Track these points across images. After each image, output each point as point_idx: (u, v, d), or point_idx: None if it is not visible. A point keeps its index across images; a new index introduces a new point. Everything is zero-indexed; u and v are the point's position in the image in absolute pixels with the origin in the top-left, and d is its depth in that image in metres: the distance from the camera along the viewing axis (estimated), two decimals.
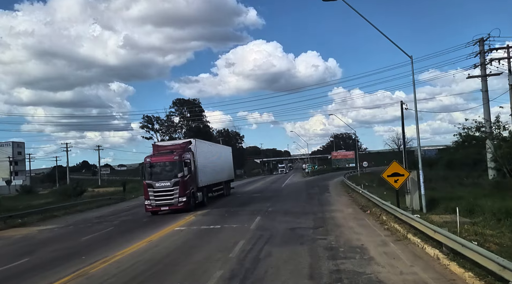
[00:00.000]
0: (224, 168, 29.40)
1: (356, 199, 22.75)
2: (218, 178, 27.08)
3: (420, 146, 16.58)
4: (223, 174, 28.84)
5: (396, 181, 16.43)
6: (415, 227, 11.09)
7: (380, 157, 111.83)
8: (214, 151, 27.34)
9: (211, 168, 25.05)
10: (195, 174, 21.71)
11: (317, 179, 54.96)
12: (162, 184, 19.91)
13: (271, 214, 18.12)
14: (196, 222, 16.73)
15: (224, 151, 31.51)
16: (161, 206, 19.84)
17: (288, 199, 25.68)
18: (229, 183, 31.76)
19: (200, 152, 22.79)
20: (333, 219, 15.67)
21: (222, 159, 29.29)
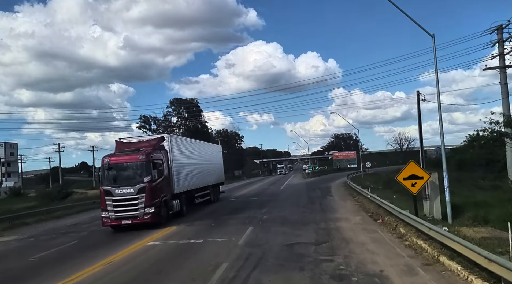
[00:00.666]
0: (211, 170, 25.44)
1: (363, 204, 20.11)
2: (204, 182, 23.20)
3: (444, 143, 13.92)
4: (210, 177, 24.82)
5: (413, 185, 13.83)
6: (450, 247, 8.48)
7: (381, 158, 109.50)
8: (198, 150, 23.13)
9: (193, 170, 21.05)
10: (170, 177, 17.65)
11: (318, 181, 52.29)
12: (124, 191, 15.54)
13: (266, 223, 15.48)
14: (175, 234, 14.06)
15: (212, 150, 27.39)
16: (122, 219, 15.48)
17: (286, 204, 23.01)
18: (218, 187, 27.67)
19: (177, 151, 18.74)
20: (339, 231, 13.04)
21: (209, 159, 25.32)
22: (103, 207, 15.80)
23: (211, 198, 24.61)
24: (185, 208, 19.16)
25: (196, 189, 21.59)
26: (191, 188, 20.39)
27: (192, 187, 20.62)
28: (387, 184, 34.34)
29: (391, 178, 40.27)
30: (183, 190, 19.10)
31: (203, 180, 23.00)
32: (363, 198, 21.84)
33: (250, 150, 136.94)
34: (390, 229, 12.86)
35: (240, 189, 40.74)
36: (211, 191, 24.77)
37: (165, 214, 16.72)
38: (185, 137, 24.75)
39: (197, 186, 21.73)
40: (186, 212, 19.21)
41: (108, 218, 15.51)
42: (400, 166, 79.49)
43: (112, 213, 15.48)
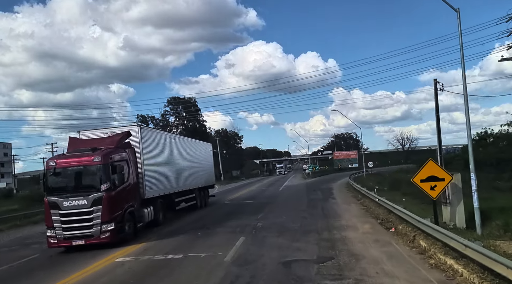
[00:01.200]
0: (199, 171, 22.14)
1: (370, 208, 18.05)
2: (188, 185, 19.98)
3: (470, 137, 11.83)
4: (197, 179, 21.58)
5: (433, 188, 11.77)
6: (495, 271, 6.44)
7: (382, 157, 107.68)
8: (181, 148, 19.80)
9: (173, 170, 17.95)
10: (139, 181, 14.35)
11: (319, 181, 50.22)
12: (74, 203, 12.00)
13: (260, 232, 13.40)
14: (151, 247, 11.89)
15: (200, 148, 23.92)
16: (73, 238, 12.03)
17: (285, 208, 20.93)
18: (207, 191, 24.50)
19: (150, 147, 15.52)
20: (345, 243, 10.97)
21: (196, 158, 22.13)
22: (48, 223, 12.33)
23: (197, 203, 21.40)
24: (161, 216, 16.28)
25: (178, 193, 18.46)
26: (170, 192, 17.36)
27: (172, 191, 17.59)
28: (392, 185, 32.34)
29: (396, 178, 38.23)
30: (159, 194, 15.98)
31: (187, 182, 19.85)
32: (370, 201, 19.77)
33: (249, 150, 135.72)
34: (406, 241, 10.78)
35: (237, 191, 38.66)
36: (197, 195, 21.51)
37: (131, 229, 13.29)
38: (163, 131, 20.94)
39: (179, 189, 18.53)
40: (163, 220, 16.45)
41: (55, 237, 12.13)
42: (403, 166, 77.51)
43: (60, 232, 12.09)
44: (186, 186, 19.58)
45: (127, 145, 14.15)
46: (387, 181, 40.34)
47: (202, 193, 22.72)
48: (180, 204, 19.10)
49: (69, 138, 14.77)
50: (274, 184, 49.83)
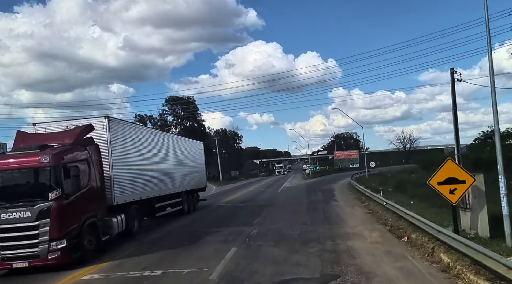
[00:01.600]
0: (186, 172, 19.67)
1: (376, 212, 16.51)
2: (174, 187, 17.61)
3: (498, 132, 10.25)
4: (184, 181, 19.10)
5: (453, 192, 10.24)
6: None
7: (383, 157, 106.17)
8: (165, 146, 17.32)
9: (153, 171, 15.43)
10: (108, 184, 11.91)
11: (320, 182, 48.69)
12: (14, 216, 9.43)
13: (255, 241, 11.86)
14: (126, 262, 10.15)
15: (189, 147, 21.44)
16: (13, 259, 9.49)
17: (283, 211, 19.40)
18: (196, 194, 21.87)
19: (122, 145, 12.93)
20: (352, 255, 9.44)
21: (184, 158, 19.67)
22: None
23: (184, 208, 18.92)
24: (136, 225, 13.80)
25: (159, 198, 16.06)
26: (149, 196, 14.92)
27: (152, 195, 15.14)
28: (397, 187, 30.80)
29: (400, 179, 36.71)
30: (133, 200, 13.52)
31: (172, 185, 17.49)
32: (375, 205, 18.23)
33: (249, 150, 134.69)
34: (424, 253, 9.24)
35: (234, 192, 37.11)
36: (185, 199, 19.11)
37: (93, 244, 10.70)
38: (141, 126, 17.11)
39: (161, 193, 16.12)
40: (138, 229, 14.00)
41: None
42: (405, 166, 75.75)
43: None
44: (171, 189, 17.27)
45: (89, 141, 11.52)
46: (391, 182, 38.81)
47: (190, 196, 20.34)
48: (162, 210, 16.64)
49: (17, 132, 11.79)
50: (273, 185, 48.30)
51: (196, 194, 21.72)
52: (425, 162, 50.44)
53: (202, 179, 22.92)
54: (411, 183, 29.64)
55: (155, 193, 15.54)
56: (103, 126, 12.10)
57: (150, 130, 17.28)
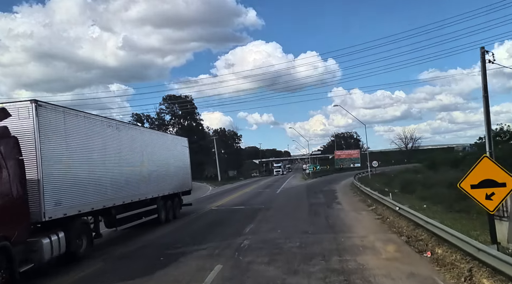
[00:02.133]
0: (165, 173, 16.68)
1: (387, 217, 14.48)
2: (145, 193, 14.42)
3: None
4: (161, 184, 16.11)
5: (490, 197, 8.21)
6: None
7: (383, 157, 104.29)
8: (133, 142, 13.87)
9: (115, 174, 12.25)
10: (36, 192, 8.81)
11: (320, 182, 46.65)
12: None
13: (246, 255, 9.82)
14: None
15: (170, 144, 18.12)
16: None
17: (281, 216, 17.35)
18: (178, 199, 18.59)
19: (58, 139, 9.79)
20: (366, 279, 7.41)
21: (162, 157, 16.70)
22: None
23: (160, 216, 15.91)
24: (84, 244, 10.64)
25: (124, 206, 12.92)
26: (106, 205, 11.70)
27: (110, 204, 11.91)
28: (405, 187, 28.78)
29: (407, 179, 34.72)
30: (79, 211, 10.37)
31: (142, 190, 14.20)
32: (384, 209, 16.21)
33: (249, 149, 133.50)
34: (458, 276, 7.21)
35: (230, 193, 35.06)
36: (161, 206, 16.08)
37: (6, 278, 7.53)
38: (91, 114, 12.16)
39: (125, 201, 12.86)
40: (88, 248, 10.84)
41: None
42: (408, 165, 73.87)
43: None
44: (141, 195, 14.12)
45: (1, 133, 8.30)
46: (397, 182, 36.79)
47: (170, 202, 17.21)
48: (128, 221, 13.48)
49: None
50: (272, 185, 46.25)
51: (178, 199, 18.46)
52: (431, 162, 48.54)
53: (186, 181, 19.63)
54: (419, 184, 27.67)
55: (117, 201, 12.33)
56: (29, 113, 8.90)
57: (108, 121, 12.67)
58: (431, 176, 33.64)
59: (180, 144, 19.59)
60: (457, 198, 17.36)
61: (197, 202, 27.52)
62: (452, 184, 23.59)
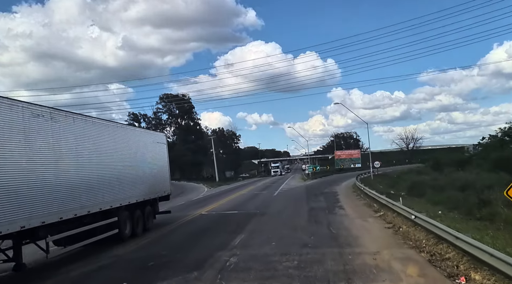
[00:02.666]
0: (128, 176, 13.21)
1: (399, 227, 12.51)
2: (97, 203, 11.18)
3: None
4: (125, 190, 12.92)
5: None
6: None
7: (383, 157, 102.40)
8: (74, 134, 10.54)
9: (45, 179, 9.10)
10: None
11: (321, 183, 44.67)
12: None
13: (230, 280, 7.83)
14: None
15: (141, 140, 14.71)
16: None
17: (277, 223, 15.32)
18: (151, 207, 15.23)
19: None
20: None
21: (129, 157, 13.47)
22: None
23: (123, 231, 12.60)
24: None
25: (65, 222, 9.73)
26: (32, 225, 8.51)
27: (37, 222, 8.66)
28: (412, 190, 26.73)
29: (413, 181, 32.64)
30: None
31: (94, 199, 11.00)
32: (395, 215, 14.24)
33: (248, 150, 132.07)
34: None
35: (225, 195, 33.04)
36: (125, 217, 12.78)
37: None
38: (11, 99, 8.74)
39: (64, 216, 9.55)
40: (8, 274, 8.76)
41: None
42: (411, 166, 71.71)
43: None
44: (91, 206, 10.83)
45: None
46: (402, 183, 34.74)
47: (139, 212, 13.87)
48: (71, 242, 10.41)
49: None
50: (269, 186, 44.23)
51: (151, 207, 15.19)
52: (435, 162, 46.52)
53: (162, 185, 16.31)
54: (427, 186, 25.63)
55: (49, 217, 8.98)
56: None
57: (37, 110, 9.15)
58: (439, 178, 31.63)
59: (154, 140, 15.97)
60: (476, 203, 15.39)
61: (187, 205, 25.63)
62: (466, 187, 21.72)
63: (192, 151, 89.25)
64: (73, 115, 10.82)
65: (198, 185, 59.28)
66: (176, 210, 22.80)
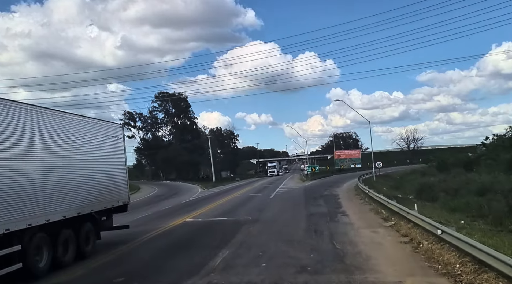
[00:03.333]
0: (56, 181, 9.50)
1: (418, 241, 10.19)
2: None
3: None
4: (41, 202, 8.82)
5: None
6: None
7: (383, 157, 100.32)
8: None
9: None
10: None
11: (320, 185, 42.31)
12: None
13: None
14: None
15: (72, 131, 10.42)
16: None
17: (270, 235, 12.88)
18: (92, 223, 11.14)
19: None
20: None
21: (53, 154, 9.53)
22: None
23: (34, 265, 8.54)
24: None
25: None
26: None
27: None
28: (421, 193, 24.43)
29: (422, 183, 30.23)
30: None
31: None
32: (410, 226, 11.89)
33: (246, 150, 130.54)
34: None
35: (218, 198, 30.66)
36: (42, 241, 8.87)
37: None
38: None
39: None
40: None
41: None
42: (413, 166, 69.60)
43: None
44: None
45: None
46: (407, 185, 32.47)
47: (68, 233, 9.87)
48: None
49: None
50: (266, 188, 41.87)
51: (93, 225, 11.14)
52: (441, 163, 44.24)
53: (113, 193, 12.27)
54: (438, 189, 23.33)
55: None
56: None
57: None
58: (447, 179, 29.31)
59: (103, 132, 11.98)
60: (506, 211, 13.06)
61: (174, 209, 23.31)
62: (484, 191, 19.37)
63: (189, 151, 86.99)
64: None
65: (193, 185, 56.96)
66: (158, 215, 20.57)
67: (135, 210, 24.98)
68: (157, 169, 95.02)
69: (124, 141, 13.29)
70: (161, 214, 21.43)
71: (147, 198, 38.33)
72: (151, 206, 27.59)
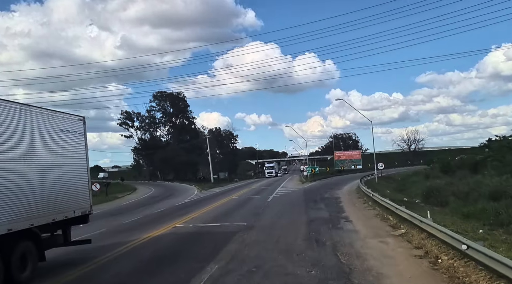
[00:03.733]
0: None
1: (435, 255, 8.88)
2: None
3: None
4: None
5: None
6: None
7: (383, 158, 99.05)
8: None
9: None
10: None
11: (321, 187, 40.93)
12: None
13: None
14: None
15: (15, 124, 8.31)
16: None
17: (266, 245, 11.51)
18: (34, 242, 8.81)
19: None
20: None
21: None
22: None
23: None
24: None
25: None
26: None
27: None
28: (428, 197, 23.06)
29: (429, 185, 28.72)
30: None
31: None
32: (424, 236, 10.56)
33: (246, 150, 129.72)
34: None
35: (212, 200, 29.26)
36: None
37: None
38: None
39: None
40: None
41: None
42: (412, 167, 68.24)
43: None
44: None
45: None
46: (411, 187, 31.16)
47: None
48: None
49: None
50: (264, 189, 40.50)
51: (30, 243, 8.73)
52: (445, 164, 42.86)
53: (70, 200, 9.96)
54: (447, 193, 21.96)
55: None
56: None
57: None
58: (454, 182, 27.92)
59: (56, 126, 9.70)
60: None
61: (166, 213, 21.94)
62: (499, 195, 17.93)
63: (187, 151, 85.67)
64: None
65: (190, 186, 55.66)
66: (148, 219, 19.24)
67: (127, 213, 23.68)
68: (154, 169, 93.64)
69: (85, 137, 10.89)
70: (151, 217, 20.11)
71: (142, 199, 37.16)
72: (145, 208, 26.41)
